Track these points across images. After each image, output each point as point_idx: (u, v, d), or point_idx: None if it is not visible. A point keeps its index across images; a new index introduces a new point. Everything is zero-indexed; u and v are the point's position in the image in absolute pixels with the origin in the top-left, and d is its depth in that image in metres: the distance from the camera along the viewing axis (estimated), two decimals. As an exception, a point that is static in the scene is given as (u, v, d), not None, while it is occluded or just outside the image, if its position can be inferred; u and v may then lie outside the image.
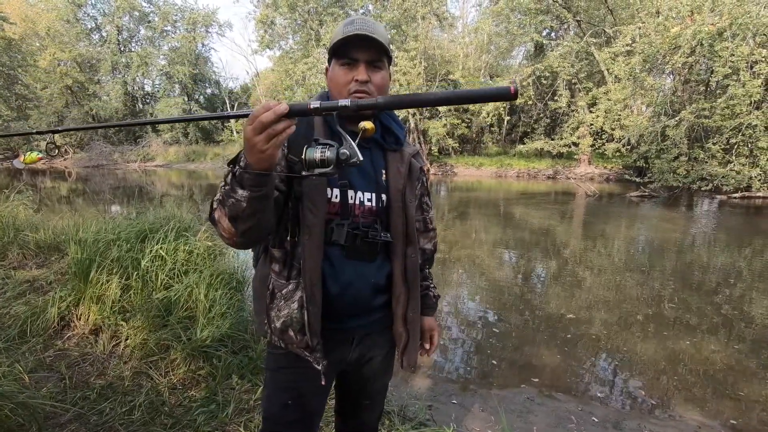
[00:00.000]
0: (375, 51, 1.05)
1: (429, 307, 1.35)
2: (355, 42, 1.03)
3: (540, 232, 9.21)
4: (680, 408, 2.94)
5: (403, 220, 1.15)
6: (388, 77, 1.12)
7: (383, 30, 1.09)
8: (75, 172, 23.79)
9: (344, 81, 1.07)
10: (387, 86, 1.12)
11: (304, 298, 1.06)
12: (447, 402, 2.92)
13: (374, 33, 1.03)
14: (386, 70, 1.11)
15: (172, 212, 4.06)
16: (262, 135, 0.78)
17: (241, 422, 2.10)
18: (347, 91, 1.07)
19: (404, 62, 21.06)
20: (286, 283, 1.09)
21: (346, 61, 1.07)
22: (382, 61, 1.08)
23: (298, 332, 1.07)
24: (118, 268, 2.94)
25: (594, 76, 21.11)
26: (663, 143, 14.78)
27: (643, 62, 14.61)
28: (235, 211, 0.89)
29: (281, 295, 1.10)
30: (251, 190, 0.86)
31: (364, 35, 1.02)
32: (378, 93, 1.08)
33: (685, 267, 6.48)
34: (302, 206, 1.04)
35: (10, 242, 4.49)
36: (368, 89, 1.06)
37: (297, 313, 1.07)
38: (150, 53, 33.60)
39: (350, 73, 1.06)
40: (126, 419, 2.08)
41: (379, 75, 1.08)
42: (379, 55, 1.07)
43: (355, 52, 1.05)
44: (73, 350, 2.65)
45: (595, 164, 21.50)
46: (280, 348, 1.15)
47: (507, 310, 4.72)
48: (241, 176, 0.86)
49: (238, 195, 0.87)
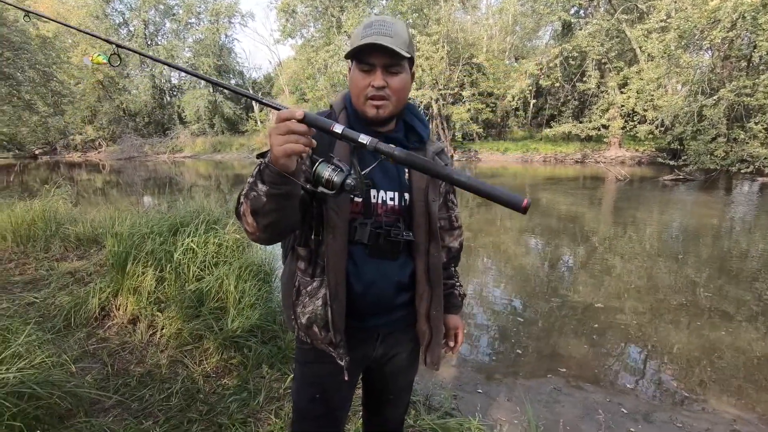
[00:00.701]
0: (392, 55, 1.04)
1: (454, 306, 1.35)
2: (372, 47, 1.02)
3: (567, 218, 9.02)
4: (715, 400, 2.86)
5: (426, 219, 1.15)
6: (407, 80, 1.11)
7: (403, 30, 1.06)
8: (108, 165, 24.69)
9: (362, 86, 1.07)
10: (406, 89, 1.11)
11: (327, 295, 1.09)
12: (472, 391, 2.93)
13: (392, 35, 1.02)
14: (406, 73, 1.09)
15: (202, 205, 4.18)
16: (282, 136, 0.83)
17: (272, 410, 2.18)
18: (364, 96, 1.07)
19: (426, 47, 20.69)
20: (311, 281, 1.13)
21: (363, 66, 1.06)
22: (401, 64, 1.07)
23: (322, 328, 1.11)
24: (153, 261, 3.06)
25: (625, 54, 20.25)
26: (700, 124, 14.12)
27: (678, 38, 13.92)
28: (255, 205, 0.93)
29: (306, 292, 1.14)
30: (271, 186, 0.89)
31: (378, 45, 1.00)
32: (395, 97, 1.08)
33: (722, 253, 6.23)
34: (326, 207, 1.06)
35: (52, 235, 4.73)
36: (385, 94, 1.07)
37: (321, 310, 1.10)
38: (175, 46, 34.18)
39: (368, 77, 1.06)
40: (164, 405, 2.19)
41: (396, 79, 1.07)
42: (396, 59, 1.05)
43: (371, 56, 1.04)
44: (114, 339, 2.79)
45: (626, 147, 20.75)
46: (306, 343, 1.19)
47: (533, 298, 4.67)
48: (264, 171, 0.90)
49: (259, 189, 0.91)
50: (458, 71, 22.65)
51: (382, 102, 1.07)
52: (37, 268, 4.07)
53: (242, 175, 18.15)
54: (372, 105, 1.07)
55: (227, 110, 33.90)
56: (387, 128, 1.16)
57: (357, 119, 1.14)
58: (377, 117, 1.09)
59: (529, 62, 21.49)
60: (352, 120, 1.15)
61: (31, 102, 15.48)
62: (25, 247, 4.63)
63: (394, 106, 1.09)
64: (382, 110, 1.08)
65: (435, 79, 21.59)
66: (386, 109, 1.08)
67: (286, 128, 0.83)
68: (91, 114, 30.97)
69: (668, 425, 2.58)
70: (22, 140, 25.94)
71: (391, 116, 1.11)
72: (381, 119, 1.10)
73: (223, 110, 33.84)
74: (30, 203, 5.38)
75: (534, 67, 20.99)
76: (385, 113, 1.09)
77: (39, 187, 9.14)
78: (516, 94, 21.21)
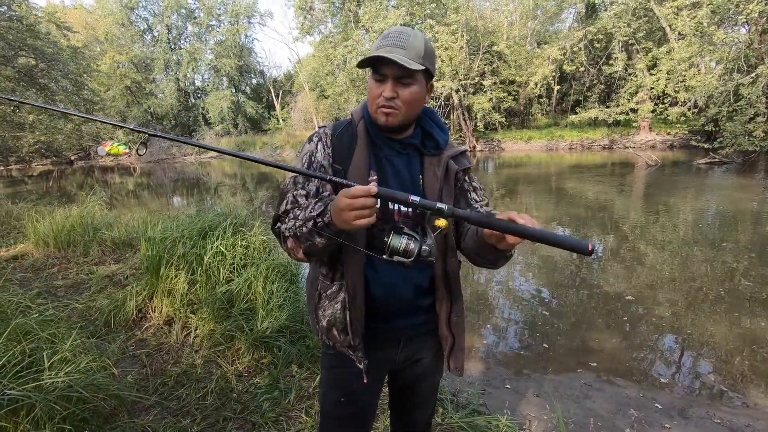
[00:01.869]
0: (404, 67, 1.04)
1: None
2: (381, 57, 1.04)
3: (596, 206, 8.79)
4: (756, 394, 2.76)
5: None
6: (419, 91, 1.11)
7: (419, 42, 1.07)
8: (139, 167, 25.55)
9: (375, 94, 1.11)
10: (418, 100, 1.12)
11: (346, 299, 1.13)
12: (500, 387, 2.92)
13: (406, 48, 1.04)
14: (418, 85, 1.10)
15: (228, 209, 4.29)
16: (353, 212, 0.89)
17: (303, 408, 2.24)
18: (376, 104, 1.11)
19: (445, 37, 20.42)
20: (330, 285, 1.17)
21: (376, 75, 1.09)
22: (413, 76, 1.08)
23: (341, 332, 1.16)
24: (184, 264, 3.17)
25: (654, 34, 19.44)
26: (736, 103, 13.46)
27: (711, 14, 13.29)
28: (310, 249, 1.04)
29: (326, 295, 1.18)
30: (329, 240, 1.00)
31: (386, 59, 1.03)
32: (406, 108, 1.10)
33: (763, 239, 5.95)
34: None
35: (90, 240, 4.96)
36: (394, 104, 1.09)
37: (340, 314, 1.15)
38: (198, 49, 34.94)
39: (380, 87, 1.09)
40: (200, 404, 2.28)
41: (407, 91, 1.09)
42: (408, 71, 1.06)
43: (383, 67, 1.07)
44: (151, 340, 2.91)
45: (657, 131, 20.01)
46: (330, 348, 1.24)
47: (562, 289, 4.60)
48: (323, 229, 0.98)
49: (317, 241, 1.01)
50: (478, 60, 22.27)
51: (391, 111, 1.10)
52: (78, 272, 4.28)
53: (266, 173, 18.43)
54: (382, 113, 1.11)
55: (250, 110, 34.48)
56: (404, 134, 1.18)
57: (375, 126, 1.17)
58: (386, 124, 1.12)
59: (552, 47, 20.93)
60: (371, 128, 1.18)
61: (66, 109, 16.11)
62: (66, 252, 4.86)
63: (403, 116, 1.12)
64: (392, 118, 1.11)
65: (455, 69, 21.31)
66: (395, 118, 1.11)
67: (362, 205, 0.89)
68: (121, 119, 32.08)
69: (705, 421, 2.51)
70: (58, 147, 27.11)
71: (401, 125, 1.14)
72: (391, 127, 1.13)
73: (246, 110, 34.45)
74: (68, 209, 5.65)
75: (557, 52, 20.42)
76: (395, 122, 1.11)
77: (76, 192, 9.55)
78: (539, 80, 20.73)
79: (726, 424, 2.47)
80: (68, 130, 19.87)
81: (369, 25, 22.05)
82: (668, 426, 2.47)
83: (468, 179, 1.26)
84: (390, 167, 1.17)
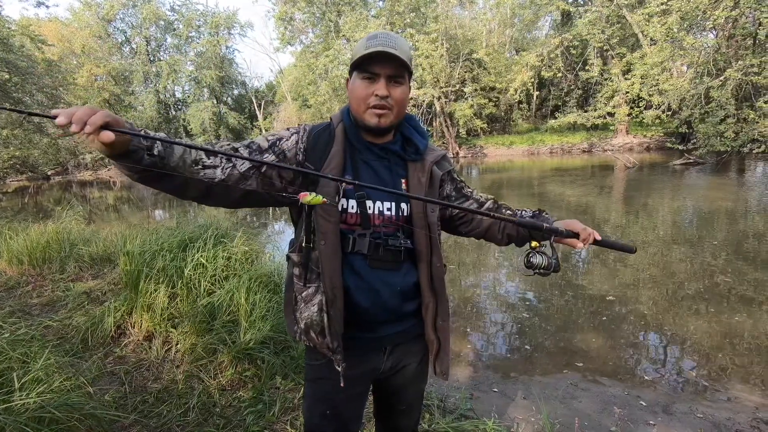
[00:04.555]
0: (396, 66, 1.06)
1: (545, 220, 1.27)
2: (377, 57, 1.04)
3: (578, 209, 8.93)
4: (736, 388, 2.81)
5: (426, 229, 1.16)
6: (407, 92, 1.13)
7: (406, 45, 1.09)
8: (119, 181, 25.04)
9: (364, 94, 1.09)
10: (406, 101, 1.13)
11: (323, 301, 1.10)
12: (488, 390, 2.92)
13: (396, 49, 1.04)
14: (407, 86, 1.12)
15: (209, 221, 4.23)
16: None
17: (287, 420, 2.19)
18: (366, 105, 1.09)
19: (425, 45, 20.69)
20: (305, 287, 1.15)
21: (367, 75, 1.08)
22: (403, 76, 1.10)
23: (319, 334, 1.13)
24: (164, 278, 3.10)
25: (627, 40, 20.02)
26: (707, 106, 13.90)
27: (681, 20, 13.73)
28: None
29: (301, 298, 1.16)
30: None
31: (386, 52, 1.03)
32: (397, 107, 1.10)
33: (739, 236, 6.12)
34: (315, 214, 1.08)
35: (67, 256, 4.82)
36: (387, 104, 1.08)
37: (317, 316, 1.12)
38: (178, 60, 34.63)
39: (371, 86, 1.08)
40: (182, 421, 2.21)
41: (398, 90, 1.09)
42: (400, 71, 1.07)
43: (376, 66, 1.06)
44: (131, 357, 2.83)
45: (634, 134, 20.52)
46: (314, 359, 1.21)
47: (547, 292, 4.63)
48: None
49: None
50: (459, 67, 22.59)
51: (384, 111, 1.09)
52: (54, 290, 4.15)
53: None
54: (374, 114, 1.09)
55: (232, 120, 34.22)
56: (385, 139, 1.17)
57: (355, 130, 1.15)
58: (378, 126, 1.10)
59: (530, 54, 21.36)
60: (350, 131, 1.15)
61: (41, 124, 15.80)
62: (41, 269, 4.71)
63: (395, 116, 1.11)
64: (384, 119, 1.09)
65: (436, 77, 21.57)
66: (387, 118, 1.10)
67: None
68: (99, 133, 31.41)
69: (688, 416, 2.54)
70: (34, 162, 26.46)
71: (392, 126, 1.13)
72: (382, 128, 1.11)
73: (228, 120, 34.18)
74: (44, 225, 5.49)
75: (535, 59, 20.85)
76: (386, 123, 1.10)
77: (53, 208, 9.32)
78: (518, 86, 21.12)
79: (708, 419, 2.51)
80: (44, 145, 19.43)
81: (350, 34, 22.21)
82: (652, 422, 2.49)
83: (453, 179, 1.30)
84: (368, 171, 1.15)
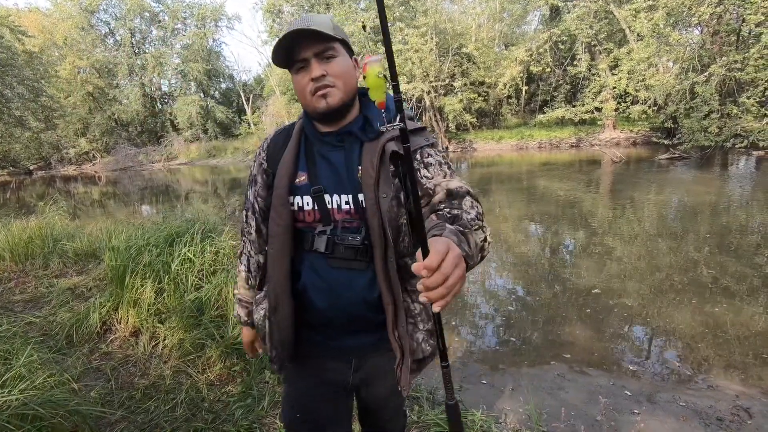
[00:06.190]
0: (320, 41, 0.97)
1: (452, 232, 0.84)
2: (296, 41, 0.97)
3: (566, 203, 9.02)
4: (718, 377, 2.88)
5: (379, 219, 0.98)
6: (347, 63, 1.03)
7: (325, 19, 0.99)
8: (104, 176, 24.63)
9: (303, 84, 1.01)
10: (349, 73, 1.03)
11: (267, 308, 1.06)
12: (477, 383, 2.95)
13: (311, 25, 0.95)
14: (342, 57, 1.02)
15: (197, 215, 4.18)
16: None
17: (277, 414, 2.19)
18: (309, 93, 1.01)
19: (415, 39, 20.60)
20: (260, 291, 1.13)
21: (298, 66, 1.01)
22: (334, 48, 1.00)
23: (263, 339, 1.10)
24: (151, 273, 3.07)
25: (615, 36, 20.15)
26: (692, 101, 14.09)
27: (666, 16, 13.86)
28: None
29: (255, 301, 1.14)
30: None
31: (300, 30, 0.94)
32: (340, 81, 1.00)
33: (721, 230, 6.24)
34: (270, 218, 1.05)
35: (50, 252, 4.73)
36: (327, 82, 0.99)
37: (261, 322, 1.10)
38: (163, 53, 33.99)
39: (306, 74, 1.00)
40: (170, 416, 2.20)
41: (333, 64, 1.00)
42: (326, 45, 0.98)
43: (299, 52, 0.98)
44: (117, 352, 2.80)
45: (621, 129, 20.71)
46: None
47: (535, 285, 4.68)
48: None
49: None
50: (448, 62, 22.57)
51: (326, 90, 0.99)
52: (37, 286, 4.08)
53: (239, 179, 18.12)
54: (318, 97, 1.00)
55: (220, 114, 33.75)
56: (345, 122, 1.07)
57: (312, 125, 1.08)
58: (328, 107, 1.00)
59: (519, 49, 21.40)
60: (306, 125, 1.10)
61: (23, 118, 15.44)
62: (24, 265, 4.63)
63: (343, 92, 1.01)
64: (331, 98, 1.00)
65: (425, 71, 21.52)
66: (334, 96, 1.00)
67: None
68: (83, 126, 30.84)
69: (671, 405, 2.60)
70: (15, 157, 25.88)
71: (343, 104, 1.02)
72: (333, 108, 1.01)
73: (216, 115, 33.70)
74: (26, 221, 5.38)
75: (524, 54, 20.91)
76: (335, 101, 1.00)
77: (35, 203, 9.12)
78: (507, 81, 21.17)
79: (690, 407, 2.57)
80: (26, 139, 19.00)
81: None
82: (637, 411, 2.54)
83: (419, 157, 1.05)
84: (324, 163, 1.06)
